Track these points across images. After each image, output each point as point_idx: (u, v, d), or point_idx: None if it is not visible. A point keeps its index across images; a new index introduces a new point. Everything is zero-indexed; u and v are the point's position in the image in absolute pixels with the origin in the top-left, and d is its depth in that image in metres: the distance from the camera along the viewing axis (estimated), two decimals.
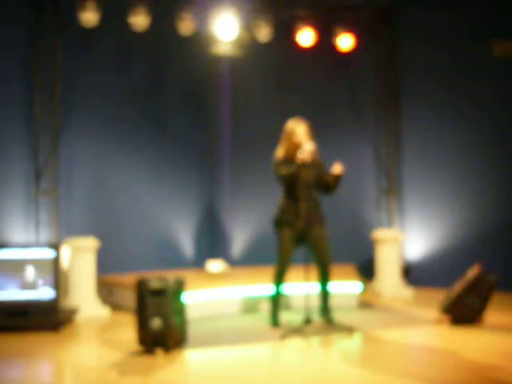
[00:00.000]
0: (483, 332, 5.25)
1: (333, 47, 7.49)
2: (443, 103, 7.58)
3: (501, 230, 7.19)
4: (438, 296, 6.17)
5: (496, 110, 7.29)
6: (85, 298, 6.24)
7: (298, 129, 5.46)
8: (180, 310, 4.80)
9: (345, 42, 7.47)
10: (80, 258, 6.26)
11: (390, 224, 7.82)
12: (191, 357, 4.63)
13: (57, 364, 4.59)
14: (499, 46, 7.23)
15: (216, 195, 8.29)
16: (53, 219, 6.65)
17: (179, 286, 4.83)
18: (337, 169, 5.35)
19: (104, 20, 6.52)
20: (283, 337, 5.07)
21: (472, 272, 5.64)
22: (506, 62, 7.19)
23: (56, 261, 5.76)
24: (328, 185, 5.49)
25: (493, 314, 5.70)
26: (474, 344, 4.86)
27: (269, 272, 5.65)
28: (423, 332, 5.36)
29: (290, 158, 5.43)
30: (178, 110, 7.99)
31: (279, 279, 5.55)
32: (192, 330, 5.12)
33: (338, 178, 5.40)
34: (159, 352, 4.62)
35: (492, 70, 7.28)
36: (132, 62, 7.45)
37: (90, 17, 6.44)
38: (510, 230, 7.16)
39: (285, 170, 5.36)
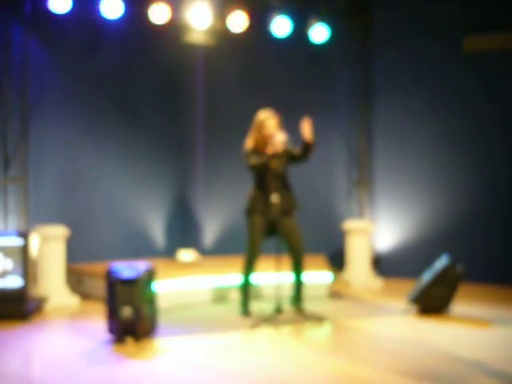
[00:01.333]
0: (449, 322, 5.35)
1: (307, 38, 7.50)
2: (414, 96, 7.64)
3: (469, 222, 7.30)
4: (407, 286, 6.26)
5: (465, 103, 7.38)
6: (54, 286, 6.18)
7: (268, 120, 5.45)
8: (150, 298, 4.79)
9: (319, 33, 7.47)
10: (49, 246, 6.19)
11: (360, 215, 7.89)
12: (161, 346, 4.63)
13: (26, 353, 4.54)
14: (470, 41, 7.32)
15: (188, 185, 8.26)
16: (22, 207, 6.56)
17: (150, 275, 4.82)
18: (306, 134, 5.31)
19: (77, 5, 6.42)
20: (254, 326, 5.10)
21: (440, 263, 5.73)
22: (476, 57, 7.29)
23: (25, 249, 5.68)
24: (302, 154, 5.45)
25: (459, 305, 5.81)
26: (440, 334, 4.95)
27: (240, 262, 5.67)
28: (392, 322, 5.43)
29: (259, 149, 5.44)
30: (151, 99, 7.91)
31: (249, 268, 5.57)
32: (162, 319, 5.11)
33: (310, 144, 5.38)
34: (129, 341, 4.61)
35: (462, 65, 7.37)
36: (104, 50, 7.34)
37: (61, 2, 6.33)
38: (477, 222, 7.28)
39: (255, 160, 5.37)
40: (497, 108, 7.25)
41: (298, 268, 5.53)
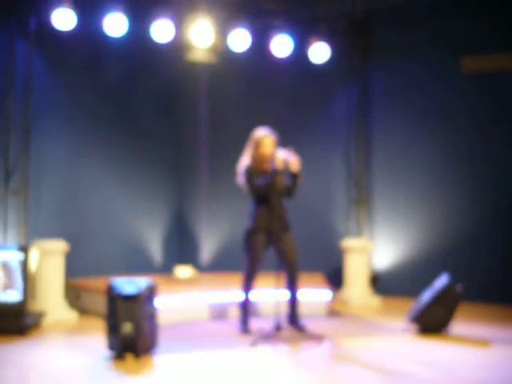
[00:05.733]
0: (449, 342, 5.35)
1: (308, 57, 7.57)
2: (413, 116, 7.71)
3: (469, 241, 7.31)
4: (406, 305, 6.26)
5: (463, 122, 7.44)
6: (53, 301, 6.16)
7: (266, 139, 5.47)
8: (151, 315, 4.78)
9: (319, 52, 7.55)
10: (48, 260, 6.18)
11: (359, 233, 7.91)
12: (161, 362, 4.61)
13: (23, 368, 4.51)
14: (469, 62, 7.40)
15: (187, 201, 8.28)
16: (21, 221, 6.55)
17: (151, 291, 4.81)
18: (292, 164, 5.31)
19: (80, 22, 6.47)
20: (254, 344, 5.09)
21: (440, 282, 5.74)
22: (474, 77, 7.36)
23: (24, 263, 5.67)
24: (289, 187, 5.46)
25: (458, 324, 5.81)
26: (439, 353, 4.94)
27: (238, 278, 5.67)
28: (390, 341, 5.42)
29: (256, 167, 5.45)
30: (153, 116, 7.97)
31: (249, 285, 5.57)
32: (162, 336, 5.09)
33: (296, 175, 5.38)
34: (129, 357, 4.59)
35: (461, 84, 7.44)
36: (107, 66, 7.40)
37: (65, 19, 6.39)
38: (475, 241, 7.30)
39: (260, 182, 5.38)
40: (498, 128, 7.27)
41: (293, 284, 5.52)
